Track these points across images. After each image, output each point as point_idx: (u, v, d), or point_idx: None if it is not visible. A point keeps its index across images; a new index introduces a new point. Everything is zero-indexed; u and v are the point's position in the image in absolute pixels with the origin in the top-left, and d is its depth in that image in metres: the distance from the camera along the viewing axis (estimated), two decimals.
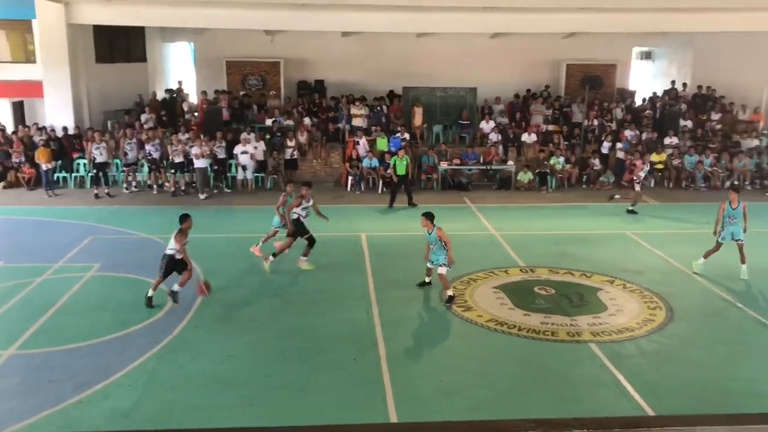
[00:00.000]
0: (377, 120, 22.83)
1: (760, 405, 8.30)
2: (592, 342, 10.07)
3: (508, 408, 8.15)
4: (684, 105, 24.48)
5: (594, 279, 12.80)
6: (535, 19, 21.59)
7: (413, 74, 24.48)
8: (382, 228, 16.31)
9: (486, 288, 12.25)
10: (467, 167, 21.15)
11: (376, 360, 9.37)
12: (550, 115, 23.79)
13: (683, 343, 10.22)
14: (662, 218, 17.68)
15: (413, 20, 21.50)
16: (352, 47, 25.08)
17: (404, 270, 13.14)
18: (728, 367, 9.40)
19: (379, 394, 8.45)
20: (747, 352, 9.89)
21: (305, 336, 10.19)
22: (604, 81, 26.16)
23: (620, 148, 21.63)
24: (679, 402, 8.43)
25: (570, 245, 14.93)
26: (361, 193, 20.17)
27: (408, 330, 10.48)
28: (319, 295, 11.89)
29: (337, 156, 21.99)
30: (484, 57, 25.23)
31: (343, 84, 25.17)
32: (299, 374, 8.97)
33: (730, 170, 21.33)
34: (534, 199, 19.57)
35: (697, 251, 14.15)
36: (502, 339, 10.23)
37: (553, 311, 11.23)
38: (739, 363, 9.54)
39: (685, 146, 21.93)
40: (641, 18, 21.91)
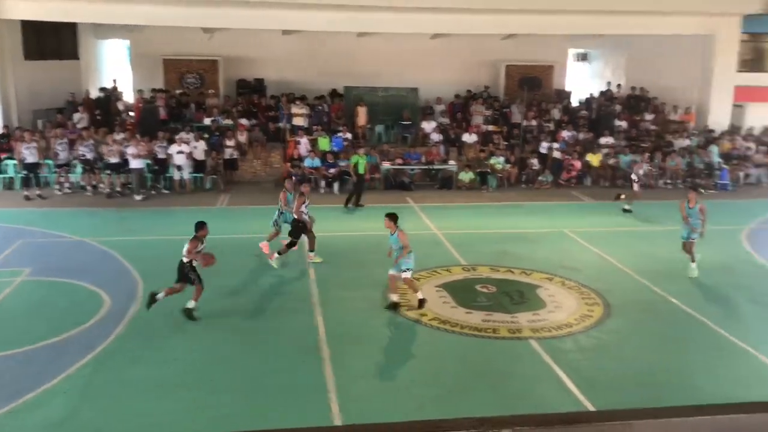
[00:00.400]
0: (319, 119, 22.73)
1: (693, 396, 8.58)
2: (532, 338, 10.24)
3: (452, 406, 8.21)
4: (618, 106, 25.18)
5: (534, 276, 13.02)
6: (474, 21, 21.86)
7: (355, 74, 24.45)
8: (326, 228, 16.17)
9: (429, 287, 12.32)
10: (410, 167, 21.25)
11: (320, 362, 9.30)
12: (490, 115, 24.12)
13: (619, 338, 10.50)
14: (598, 216, 18.13)
15: (354, 20, 21.48)
16: (293, 46, 24.88)
17: (348, 271, 13.11)
18: (662, 360, 9.69)
19: (323, 396, 8.39)
20: (680, 345, 10.21)
21: (248, 339, 10.05)
22: (542, 82, 26.67)
23: (557, 148, 22.09)
24: (616, 395, 8.65)
25: (510, 244, 15.16)
26: None
27: (352, 331, 10.45)
28: (263, 297, 11.75)
29: (277, 156, 21.78)
30: (425, 57, 25.41)
31: (284, 83, 24.95)
32: (242, 378, 8.83)
33: (663, 169, 22.03)
34: (475, 199, 19.80)
35: (631, 248, 14.58)
36: (445, 337, 10.30)
37: (494, 309, 11.37)
38: (672, 356, 9.85)
39: (620, 146, 22.55)
40: (577, 20, 22.46)
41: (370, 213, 17.76)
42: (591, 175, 21.87)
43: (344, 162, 20.66)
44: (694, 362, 9.67)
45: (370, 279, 12.67)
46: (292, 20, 21.53)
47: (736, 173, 22.19)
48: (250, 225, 16.36)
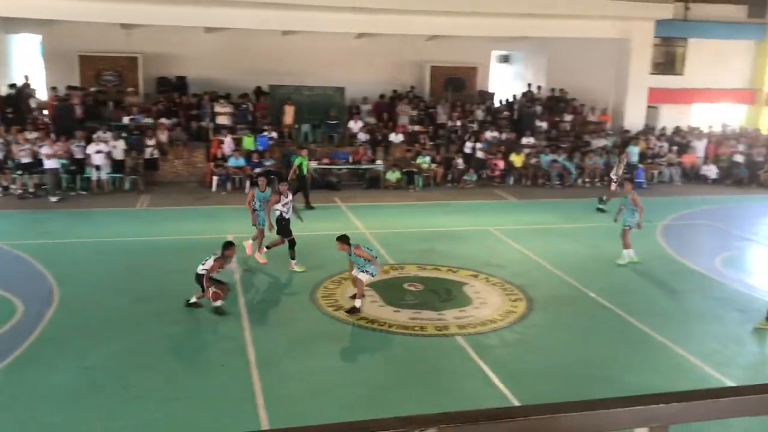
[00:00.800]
0: (243, 118, 22.36)
1: (614, 388, 8.86)
2: (459, 335, 10.36)
3: (379, 405, 8.20)
4: (539, 107, 25.83)
5: (460, 274, 13.19)
6: (398, 21, 21.99)
7: (280, 72, 24.20)
8: (250, 229, 15.94)
9: None
10: (337, 167, 21.18)
11: (246, 364, 9.13)
12: (416, 115, 24.32)
13: (542, 333, 10.74)
14: (521, 214, 18.54)
15: (278, 18, 21.24)
16: (216, 43, 24.39)
17: (272, 272, 12.95)
18: (584, 353, 9.97)
19: (249, 400, 8.23)
20: (600, 338, 10.54)
21: (169, 343, 9.77)
22: (466, 83, 27.10)
23: (480, 148, 22.48)
24: (540, 389, 8.84)
25: (437, 242, 15.31)
26: (228, 193, 19.65)
27: (278, 332, 10.31)
28: (184, 300, 11.41)
29: (200, 155, 21.30)
30: (351, 57, 25.39)
31: (207, 81, 24.41)
32: (163, 383, 8.57)
33: (582, 168, 22.73)
34: (402, 198, 19.92)
35: (553, 245, 14.96)
36: (373, 336, 10.30)
37: (421, 307, 11.45)
38: (593, 348, 10.15)
39: (541, 146, 23.13)
40: (500, 23, 22.93)
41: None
42: (514, 175, 22.34)
43: (270, 161, 20.42)
44: (613, 355, 9.98)
45: (296, 281, 12.55)
46: (215, 17, 21.10)
47: (651, 172, 23.12)
48: (171, 227, 15.95)
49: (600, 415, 1.55)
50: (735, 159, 23.69)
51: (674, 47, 26.87)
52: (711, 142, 24.46)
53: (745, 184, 22.99)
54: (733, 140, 24.61)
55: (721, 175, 23.20)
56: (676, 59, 27.04)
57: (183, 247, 14.35)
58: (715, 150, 24.13)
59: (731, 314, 11.72)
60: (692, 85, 26.58)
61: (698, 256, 14.94)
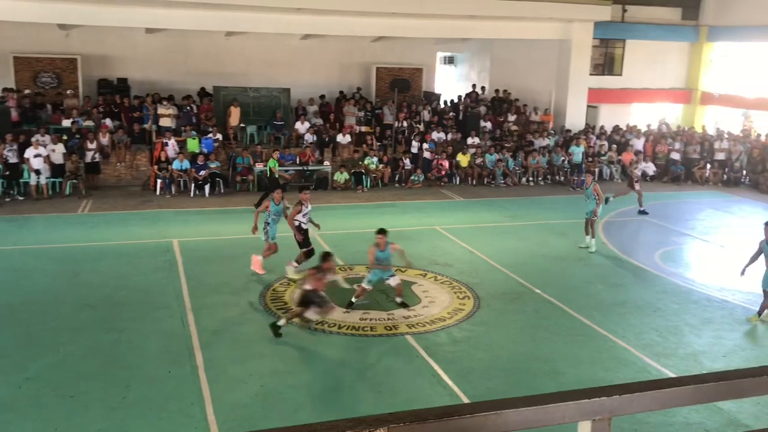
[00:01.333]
0: (187, 120, 22.00)
1: (558, 381, 9.06)
2: (408, 334, 10.43)
3: (329, 406, 8.20)
4: (484, 107, 26.18)
5: (408, 273, 13.26)
6: (343, 22, 21.98)
7: (224, 73, 23.90)
8: (196, 233, 15.73)
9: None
10: (284, 168, 21.00)
11: (194, 370, 9.01)
12: (363, 116, 24.35)
13: (490, 329, 10.90)
14: (467, 213, 18.74)
15: (221, 19, 20.97)
16: (158, 44, 23.93)
17: (220, 275, 12.79)
18: (530, 348, 10.16)
19: (198, 406, 8.12)
20: (545, 333, 10.74)
21: (114, 351, 9.55)
22: (412, 84, 27.28)
23: (426, 148, 22.67)
24: (489, 385, 8.97)
25: None
26: (172, 196, 19.28)
27: (226, 336, 10.19)
28: (129, 306, 11.18)
29: (144, 158, 20.87)
30: (296, 58, 25.26)
31: (149, 82, 23.94)
32: (108, 392, 8.37)
33: (525, 167, 23.13)
34: (350, 199, 19.91)
35: (498, 243, 15.19)
36: (323, 338, 10.28)
37: (371, 307, 11.48)
38: (538, 343, 10.35)
39: (486, 146, 23.45)
40: (444, 24, 23.17)
41: (243, 216, 17.43)
42: (460, 174, 22.59)
43: (215, 164, 20.14)
44: (558, 349, 10.20)
45: (245, 283, 12.43)
46: (156, 18, 20.68)
47: (591, 170, 23.66)
48: (114, 232, 15.58)
49: (545, 410, 1.60)
50: (672, 157, 24.46)
51: (613, 48, 27.60)
52: (648, 140, 25.19)
53: (682, 181, 23.76)
54: (669, 138, 25.41)
55: (659, 172, 23.92)
56: (615, 60, 27.77)
57: (127, 252, 14.06)
58: (653, 148, 24.86)
59: (670, 306, 12.11)
60: (630, 85, 27.36)
61: (638, 251, 15.39)
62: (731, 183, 23.54)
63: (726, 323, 11.36)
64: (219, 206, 18.33)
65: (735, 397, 1.84)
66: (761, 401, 8.36)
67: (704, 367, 9.72)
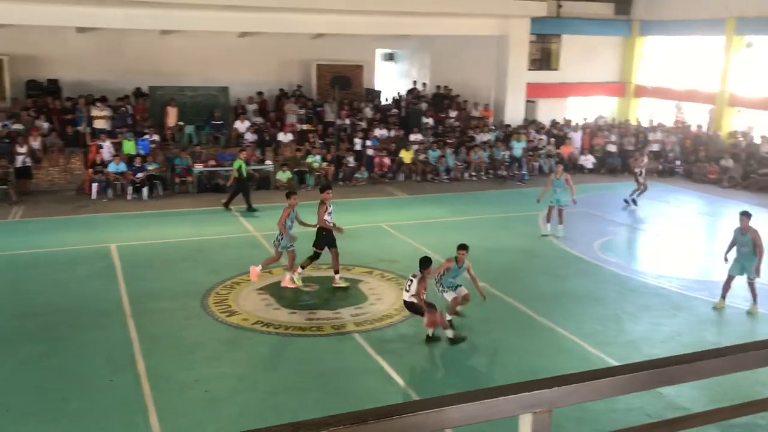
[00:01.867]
0: (122, 121, 21.43)
1: (502, 373, 9.18)
2: (356, 332, 10.41)
3: (275, 410, 8.10)
4: (425, 104, 26.33)
5: (354, 271, 13.24)
6: (281, 19, 21.78)
7: (160, 73, 23.36)
8: (135, 237, 15.34)
9: (249, 290, 12.09)
10: (224, 168, 20.67)
11: (136, 378, 8.78)
12: (304, 114, 24.16)
13: None
14: (412, 209, 18.83)
15: (155, 17, 20.50)
16: (90, 44, 23.21)
17: (161, 280, 12.51)
18: (477, 341, 10.25)
19: (141, 414, 7.92)
20: (491, 325, 10.86)
21: (52, 361, 9.23)
22: (353, 81, 27.19)
23: (369, 146, 22.67)
24: (438, 380, 9.04)
25: None
26: (109, 200, 18.75)
27: (169, 342, 9.96)
28: (67, 315, 10.83)
29: (78, 162, 20.22)
30: (234, 56, 24.87)
31: (82, 83, 23.18)
32: (46, 404, 8.09)
33: (468, 162, 23.37)
34: None
35: (443, 238, 15.30)
36: (269, 340, 10.17)
37: (317, 307, 11.42)
38: (485, 335, 10.46)
39: (428, 142, 23.59)
40: (383, 21, 23.20)
41: (183, 218, 17.12)
42: (404, 171, 22.66)
43: (153, 165, 19.67)
44: (504, 341, 10.34)
45: (186, 287, 12.18)
46: (87, 17, 20.07)
47: (531, 164, 24.10)
48: (49, 238, 15.07)
49: (486, 405, 1.59)
50: (608, 149, 25.10)
51: (549, 44, 28.14)
52: (586, 133, 25.79)
53: (618, 172, 24.39)
54: (606, 131, 26.06)
55: (596, 165, 24.50)
56: (552, 55, 28.33)
57: (63, 259, 13.62)
58: (590, 141, 25.46)
59: (610, 295, 12.43)
60: (567, 79, 27.96)
61: (578, 242, 15.72)
62: (666, 173, 24.28)
63: (663, 310, 11.71)
64: (158, 209, 17.93)
65: (668, 383, 1.88)
66: (698, 385, 8.64)
67: (643, 353, 9.99)
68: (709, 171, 23.46)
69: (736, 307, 11.96)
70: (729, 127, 25.55)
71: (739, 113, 26.28)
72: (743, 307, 11.89)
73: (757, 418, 7.62)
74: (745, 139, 24.52)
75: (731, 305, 11.97)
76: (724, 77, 25.24)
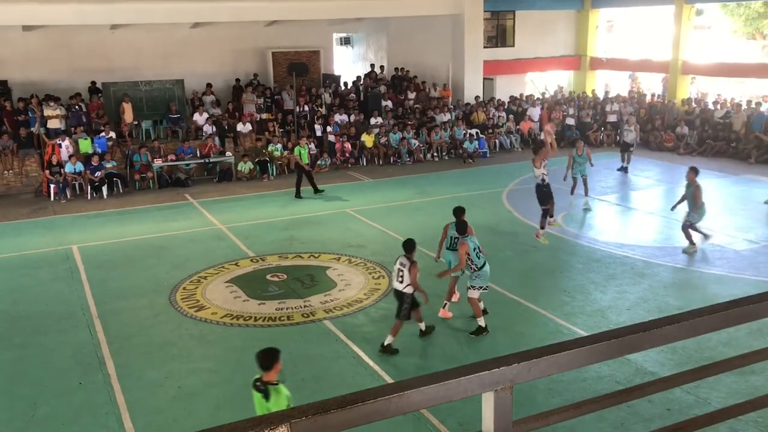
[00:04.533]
0: (77, 120, 20.97)
1: (475, 350, 9.28)
2: (327, 319, 10.41)
3: (250, 401, 8.05)
4: (384, 87, 26.25)
5: (322, 258, 13.22)
6: (233, 8, 21.48)
7: (112, 68, 22.91)
8: (96, 237, 15.08)
9: (217, 283, 11.99)
10: (184, 162, 20.41)
11: (106, 379, 8.67)
12: (262, 103, 23.92)
13: None
14: (376, 193, 18.82)
15: (104, 11, 20.03)
16: (38, 42, 22.62)
17: (125, 279, 12.34)
18: (448, 321, 10.33)
19: (113, 415, 7.83)
20: (461, 304, 10.94)
21: (17, 368, 9.07)
22: (310, 67, 26.96)
23: (330, 131, 22.56)
24: (410, 362, 9.09)
25: (296, 229, 15.24)
26: (68, 201, 18.38)
27: (138, 341, 9.85)
28: (30, 320, 10.63)
29: (34, 163, 19.76)
30: (188, 47, 24.49)
31: (32, 83, 22.60)
32: (14, 411, 7.95)
33: (429, 143, 23.42)
34: (256, 188, 19.59)
35: (409, 220, 15.35)
36: (240, 332, 10.12)
37: (286, 296, 11.38)
38: (455, 315, 10.53)
39: (389, 125, 23.56)
40: (336, 5, 23.03)
41: (145, 215, 16.88)
42: (366, 155, 22.62)
43: (111, 163, 19.31)
44: (472, 317, 10.41)
45: (152, 284, 12.04)
46: (33, 15, 19.52)
47: (492, 141, 24.25)
48: (6, 243, 14.74)
49: (447, 386, 1.61)
50: (567, 122, 25.35)
51: (504, 20, 28.21)
52: (543, 108, 25.99)
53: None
54: (564, 105, 26.31)
55: (556, 138, 24.72)
56: (507, 32, 28.41)
57: (23, 263, 13.34)
58: (549, 116, 25.66)
59: (575, 267, 12.63)
60: (523, 55, 28.09)
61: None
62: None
63: (628, 278, 11.94)
64: (119, 207, 17.65)
65: (627, 353, 1.92)
66: (663, 349, 8.85)
67: (611, 321, 10.19)
68: (665, 139, 23.88)
69: (698, 271, 12.26)
70: (683, 95, 26.00)
71: (693, 81, 26.76)
72: (705, 271, 12.22)
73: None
74: (699, 106, 24.97)
75: (694, 269, 12.28)
76: (676, 46, 25.63)
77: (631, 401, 6.75)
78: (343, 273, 12.44)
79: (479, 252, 9.77)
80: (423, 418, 7.51)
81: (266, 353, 5.77)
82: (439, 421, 7.48)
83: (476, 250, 9.73)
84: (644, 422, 7.30)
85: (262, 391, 5.66)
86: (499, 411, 1.70)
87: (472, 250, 9.66)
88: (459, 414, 7.42)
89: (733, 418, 2.69)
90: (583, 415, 2.04)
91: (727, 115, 23.61)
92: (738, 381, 8.07)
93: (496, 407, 1.69)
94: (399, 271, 9.24)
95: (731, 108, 23.78)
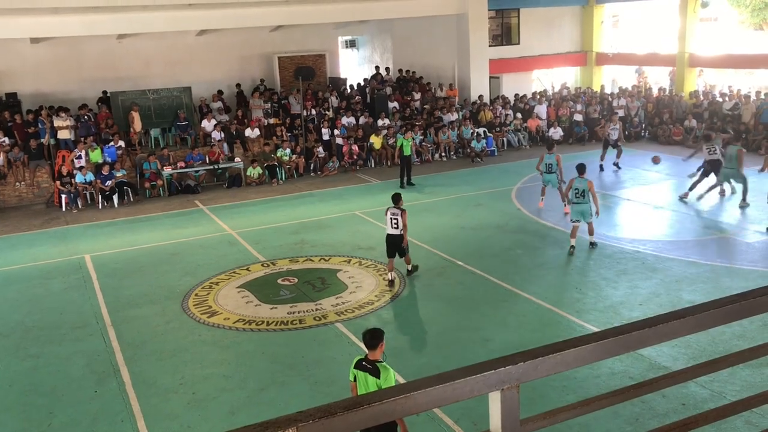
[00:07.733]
0: (86, 130, 21.10)
1: (486, 348, 9.27)
2: (338, 322, 10.43)
3: (264, 405, 8.11)
4: (390, 88, 26.26)
5: (332, 261, 13.25)
6: (238, 14, 21.55)
7: (121, 78, 23.07)
8: (108, 246, 15.18)
9: (229, 289, 12.04)
10: (193, 169, 20.51)
11: (121, 387, 8.73)
12: (270, 108, 24.00)
13: (418, 306, 11.04)
14: (385, 195, 18.70)
15: (111, 21, 20.15)
16: (47, 54, 22.80)
17: (138, 286, 12.40)
18: (459, 319, 10.34)
19: (129, 422, 7.88)
20: (472, 303, 10.96)
21: (33, 378, 9.14)
22: (316, 71, 27.04)
23: (338, 134, 22.61)
24: (422, 362, 9.09)
25: (306, 233, 15.27)
26: (79, 211, 18.50)
27: (152, 348, 9.90)
28: (45, 330, 10.71)
29: (45, 174, 19.91)
30: (194, 55, 24.62)
31: (41, 95, 22.79)
32: (31, 422, 8.01)
33: (437, 143, 23.40)
34: (266, 193, 19.66)
35: (418, 219, 15.35)
36: (252, 337, 10.15)
37: (298, 299, 11.41)
38: (466, 313, 10.54)
39: (396, 126, 23.56)
40: (341, 8, 23.05)
41: (156, 223, 16.97)
42: (374, 157, 22.64)
43: (120, 172, 19.42)
44: (486, 316, 10.43)
45: (163, 292, 12.10)
46: (41, 27, 19.67)
47: (500, 139, 24.21)
48: (20, 254, 14.85)
49: (453, 387, 1.62)
50: (575, 119, 25.27)
51: (509, 18, 28.18)
52: (551, 105, 25.92)
53: (586, 141, 24.60)
54: (571, 101, 26.23)
55: (564, 135, 24.66)
56: (512, 30, 28.38)
57: (36, 274, 13.44)
58: (556, 112, 25.60)
59: (586, 263, 12.59)
60: (528, 53, 28.06)
61: (551, 213, 15.87)
62: (632, 138, 24.53)
63: (639, 272, 11.89)
64: (129, 215, 17.75)
65: (634, 348, 1.92)
66: (677, 344, 8.81)
67: (623, 317, 10.15)
68: (674, 132, 23.76)
69: (709, 264, 12.19)
70: (691, 88, 25.86)
71: (700, 74, 26.60)
72: (717, 264, 12.16)
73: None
74: (707, 99, 24.83)
75: (705, 263, 12.22)
76: (682, 38, 25.50)
77: (646, 396, 6.70)
78: (354, 275, 12.46)
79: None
80: (437, 418, 7.52)
81: (372, 333, 6.04)
82: (453, 421, 7.48)
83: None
84: (659, 417, 7.27)
85: (370, 370, 5.86)
86: (506, 410, 1.71)
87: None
88: (473, 413, 7.42)
89: (748, 411, 2.68)
90: (592, 411, 2.04)
91: (735, 106, 23.47)
92: (753, 374, 8.03)
93: (503, 406, 1.70)
94: (393, 219, 11.32)
95: (740, 99, 23.63)
